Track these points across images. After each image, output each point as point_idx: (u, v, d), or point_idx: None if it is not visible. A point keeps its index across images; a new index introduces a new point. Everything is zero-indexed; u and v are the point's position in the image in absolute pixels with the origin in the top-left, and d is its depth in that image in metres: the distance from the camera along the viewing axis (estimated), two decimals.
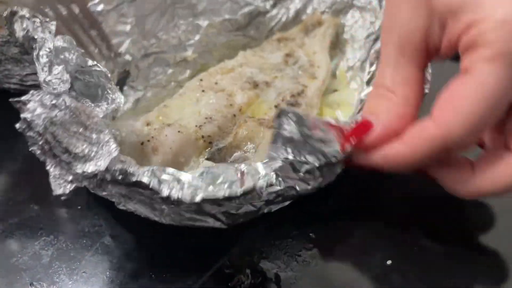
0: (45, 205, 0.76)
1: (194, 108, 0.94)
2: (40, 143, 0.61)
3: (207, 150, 0.89)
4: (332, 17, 1.17)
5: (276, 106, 0.95)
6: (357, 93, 1.09)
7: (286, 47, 1.16)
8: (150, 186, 0.61)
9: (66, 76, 0.70)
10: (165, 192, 0.60)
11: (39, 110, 0.61)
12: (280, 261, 0.68)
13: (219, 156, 0.87)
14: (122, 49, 1.05)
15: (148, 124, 0.90)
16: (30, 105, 0.61)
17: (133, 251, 0.74)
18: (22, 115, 0.61)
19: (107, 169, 0.61)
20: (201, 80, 1.03)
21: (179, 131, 0.87)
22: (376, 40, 1.10)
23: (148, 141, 0.85)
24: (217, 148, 0.88)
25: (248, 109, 0.96)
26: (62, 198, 0.61)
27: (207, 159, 0.87)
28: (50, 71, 0.70)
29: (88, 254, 0.73)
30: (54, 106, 0.62)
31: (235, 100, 0.96)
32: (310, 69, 1.08)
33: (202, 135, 0.88)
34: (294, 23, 1.20)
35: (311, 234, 0.74)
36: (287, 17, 1.19)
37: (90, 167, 0.61)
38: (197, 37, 1.12)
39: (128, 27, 1.05)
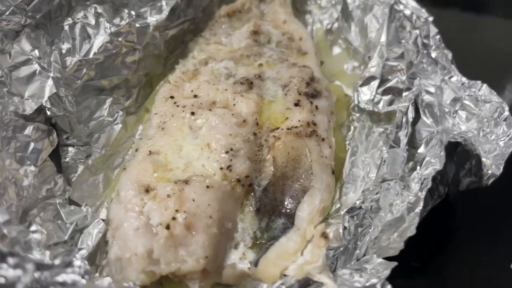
0: None
1: (195, 142, 0.64)
2: None
3: (250, 196, 0.61)
4: None
5: (297, 105, 0.70)
6: (348, 59, 0.90)
7: (242, 22, 0.89)
8: None
9: None
10: None
11: None
12: None
13: (268, 198, 0.61)
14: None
15: (147, 191, 0.58)
16: None
17: None
18: None
19: None
20: (171, 97, 0.72)
21: (207, 186, 0.58)
22: None
23: (174, 219, 0.54)
24: (261, 189, 0.61)
25: (263, 118, 0.70)
26: None
27: (257, 210, 0.60)
28: None
29: None
30: None
31: (240, 112, 0.69)
32: (293, 44, 0.84)
33: (237, 178, 0.60)
34: None
35: None
36: None
37: None
38: (132, 40, 0.78)
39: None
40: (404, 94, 0.76)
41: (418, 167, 0.67)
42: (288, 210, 0.60)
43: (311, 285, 0.51)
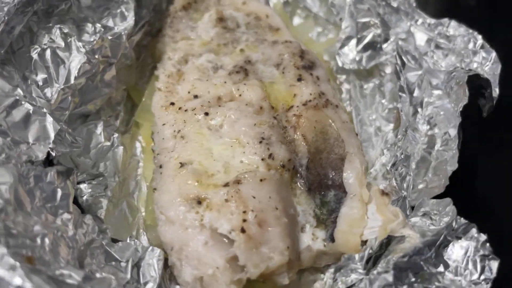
0: None
1: (222, 141, 0.62)
2: None
3: (296, 178, 0.61)
4: None
5: (299, 79, 0.71)
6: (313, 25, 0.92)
7: (200, 12, 0.86)
8: None
9: None
10: None
11: None
12: None
13: (312, 175, 0.61)
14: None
15: (200, 202, 0.55)
16: None
17: None
18: None
19: None
20: (171, 104, 0.68)
21: (260, 180, 0.56)
22: None
23: (244, 220, 0.52)
24: (303, 168, 0.61)
25: (273, 101, 0.69)
26: None
27: (308, 189, 0.60)
28: None
29: None
30: None
31: (250, 101, 0.67)
32: (262, 22, 0.83)
33: (282, 164, 0.59)
34: None
35: None
36: None
37: None
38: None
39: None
40: (384, 46, 0.79)
41: (419, 109, 0.71)
42: (334, 181, 0.61)
43: (390, 244, 0.53)
